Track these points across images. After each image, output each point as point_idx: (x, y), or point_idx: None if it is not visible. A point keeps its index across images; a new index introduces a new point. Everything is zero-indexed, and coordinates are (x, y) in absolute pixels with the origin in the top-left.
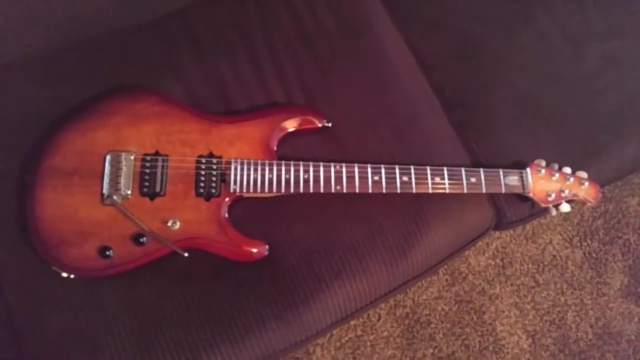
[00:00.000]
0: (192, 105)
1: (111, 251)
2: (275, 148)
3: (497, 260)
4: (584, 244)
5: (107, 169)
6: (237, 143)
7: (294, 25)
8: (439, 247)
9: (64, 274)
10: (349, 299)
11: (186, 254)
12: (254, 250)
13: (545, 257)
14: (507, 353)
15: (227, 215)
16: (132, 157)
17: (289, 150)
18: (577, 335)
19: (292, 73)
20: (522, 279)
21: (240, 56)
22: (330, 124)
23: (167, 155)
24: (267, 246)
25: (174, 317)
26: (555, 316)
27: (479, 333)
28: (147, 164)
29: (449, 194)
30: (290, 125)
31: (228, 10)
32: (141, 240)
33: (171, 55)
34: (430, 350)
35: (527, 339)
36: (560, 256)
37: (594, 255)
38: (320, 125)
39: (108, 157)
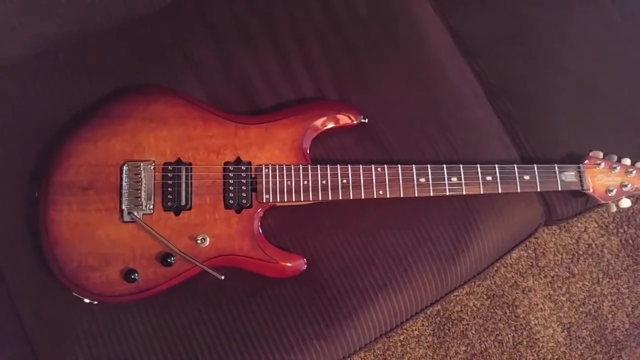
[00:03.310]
0: (212, 104)
1: (137, 274)
2: (308, 150)
3: (530, 252)
4: (620, 230)
5: (125, 181)
6: (267, 146)
7: (322, 10)
8: (488, 251)
9: (87, 300)
10: (395, 312)
11: (222, 277)
12: (292, 265)
13: (579, 246)
14: (542, 347)
15: (260, 227)
16: (152, 167)
17: (321, 151)
18: (613, 326)
19: (321, 64)
20: (556, 270)
21: (263, 46)
22: (366, 120)
23: (190, 164)
24: (304, 260)
25: (208, 343)
26: (591, 307)
27: (513, 328)
28: (170, 174)
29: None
30: (324, 123)
31: None
32: (169, 260)
33: (187, 47)
34: (463, 348)
35: (562, 332)
36: (595, 244)
37: (630, 242)
38: (355, 122)
39: (125, 168)
